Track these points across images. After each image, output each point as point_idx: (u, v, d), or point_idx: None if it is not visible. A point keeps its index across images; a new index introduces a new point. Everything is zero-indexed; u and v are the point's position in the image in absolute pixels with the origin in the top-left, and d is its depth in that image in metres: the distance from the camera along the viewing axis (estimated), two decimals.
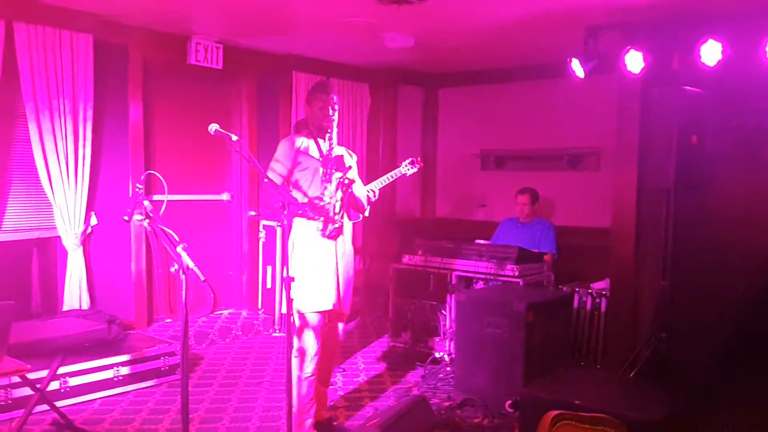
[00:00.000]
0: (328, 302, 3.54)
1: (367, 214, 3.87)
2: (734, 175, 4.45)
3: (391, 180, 4.01)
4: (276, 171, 3.51)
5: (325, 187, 3.53)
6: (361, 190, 3.77)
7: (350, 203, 3.69)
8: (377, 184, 3.93)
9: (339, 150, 3.67)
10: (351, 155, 3.77)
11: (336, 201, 3.55)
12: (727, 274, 4.31)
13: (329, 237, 3.54)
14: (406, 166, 4.09)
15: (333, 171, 3.56)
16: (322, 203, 3.50)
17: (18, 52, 4.43)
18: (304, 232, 3.53)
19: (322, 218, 3.51)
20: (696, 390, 3.88)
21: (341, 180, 3.57)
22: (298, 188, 3.55)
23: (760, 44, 3.75)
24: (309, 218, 3.52)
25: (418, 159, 4.13)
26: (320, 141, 3.61)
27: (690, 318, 4.27)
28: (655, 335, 4.16)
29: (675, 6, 4.11)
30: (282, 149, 3.60)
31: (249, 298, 6.17)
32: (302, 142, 3.62)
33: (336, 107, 3.60)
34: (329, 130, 3.59)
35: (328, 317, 3.63)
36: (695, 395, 3.70)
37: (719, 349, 4.23)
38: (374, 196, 3.88)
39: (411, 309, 5.15)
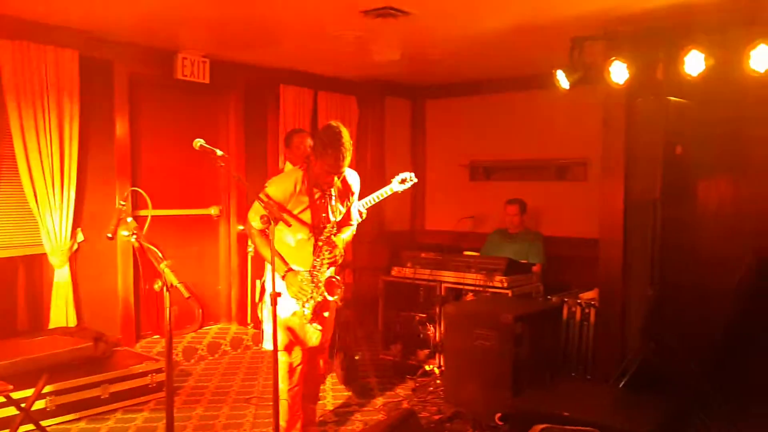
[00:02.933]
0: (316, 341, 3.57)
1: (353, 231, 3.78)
2: (719, 184, 4.48)
3: (381, 198, 3.87)
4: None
5: (314, 266, 3.41)
6: (348, 235, 3.65)
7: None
8: (366, 203, 3.80)
9: (338, 208, 3.51)
10: (354, 177, 3.65)
11: (322, 274, 3.42)
12: (715, 283, 4.33)
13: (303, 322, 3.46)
14: (397, 183, 3.90)
15: (322, 246, 3.41)
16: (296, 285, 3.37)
17: (2, 68, 4.41)
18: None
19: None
20: (686, 400, 3.88)
21: (332, 259, 3.41)
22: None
23: (742, 54, 3.77)
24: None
25: (412, 176, 3.88)
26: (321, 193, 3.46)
27: (678, 327, 4.27)
28: (644, 345, 4.16)
29: (658, 17, 4.14)
30: (281, 187, 3.43)
31: (238, 312, 6.13)
32: (298, 188, 3.41)
33: (347, 164, 3.38)
34: (330, 190, 3.44)
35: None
36: (685, 405, 3.70)
37: (708, 358, 4.24)
38: (361, 217, 3.73)
39: (401, 321, 5.13)
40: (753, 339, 4.18)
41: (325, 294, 3.39)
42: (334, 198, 3.49)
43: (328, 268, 3.45)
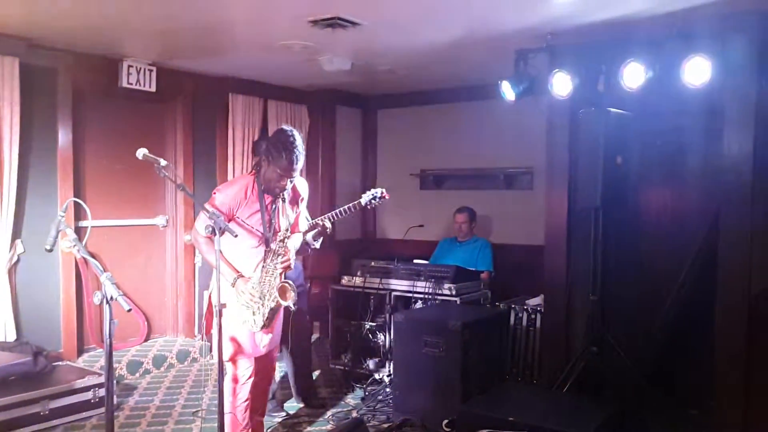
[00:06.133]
0: (269, 347, 3.54)
1: (317, 246, 3.63)
2: (658, 192, 4.63)
3: (349, 213, 3.57)
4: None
5: (265, 271, 3.35)
6: (297, 240, 3.53)
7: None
8: (333, 217, 3.54)
9: (301, 183, 3.51)
10: (302, 183, 3.63)
11: (269, 303, 3.36)
12: (654, 287, 4.47)
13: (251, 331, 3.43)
14: (368, 200, 3.59)
15: (274, 252, 3.36)
16: (246, 292, 3.35)
17: None
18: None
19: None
20: (626, 402, 3.99)
21: (284, 263, 3.34)
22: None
23: (679, 67, 3.91)
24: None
25: (383, 191, 3.61)
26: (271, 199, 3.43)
27: (619, 331, 4.39)
28: (587, 349, 4.25)
29: (599, 31, 4.27)
30: (231, 193, 3.38)
31: (186, 324, 6.03)
32: (248, 194, 3.39)
33: (297, 175, 3.37)
34: (281, 195, 3.39)
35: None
36: (626, 407, 3.80)
37: (648, 360, 4.36)
38: (329, 230, 3.52)
39: (351, 330, 5.13)
40: (690, 341, 4.32)
41: (279, 299, 3.36)
42: (286, 203, 3.48)
43: (280, 274, 3.41)
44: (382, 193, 3.61)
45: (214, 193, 3.43)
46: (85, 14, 4.10)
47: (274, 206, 3.46)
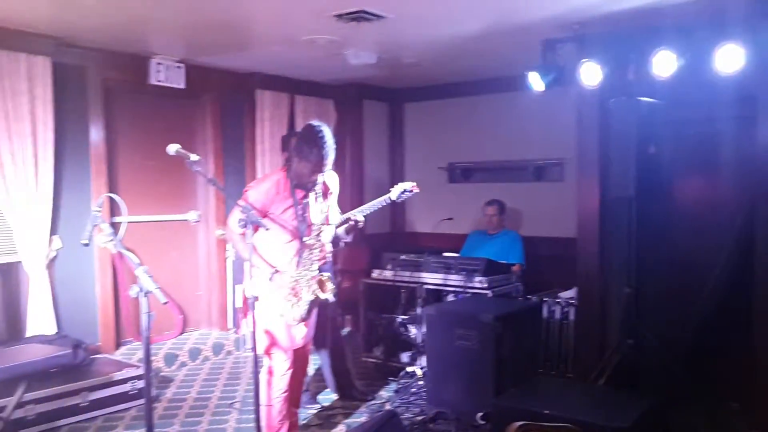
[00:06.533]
0: (305, 339, 3.57)
1: (349, 239, 3.71)
2: (693, 182, 4.56)
3: (379, 207, 3.64)
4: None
5: (302, 265, 3.38)
6: (329, 233, 3.55)
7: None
8: (363, 211, 3.62)
9: (320, 208, 3.49)
10: (333, 177, 3.64)
11: (311, 272, 3.38)
12: (689, 279, 4.40)
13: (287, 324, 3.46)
14: (398, 194, 3.65)
15: (309, 246, 3.38)
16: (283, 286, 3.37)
17: None
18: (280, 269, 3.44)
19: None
20: (664, 395, 3.94)
21: (320, 257, 3.38)
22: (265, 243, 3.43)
23: (711, 54, 3.85)
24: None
25: (413, 186, 3.68)
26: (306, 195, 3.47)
27: (654, 323, 4.33)
28: (623, 342, 4.21)
29: (628, 19, 4.21)
30: (264, 188, 3.43)
31: (219, 317, 6.11)
32: (280, 189, 3.43)
33: (330, 165, 3.39)
34: (314, 189, 3.42)
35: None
36: (664, 401, 3.76)
37: (684, 353, 4.30)
38: (360, 224, 3.60)
39: (382, 324, 5.15)
40: (727, 334, 4.25)
41: (317, 292, 3.39)
42: (318, 197, 3.50)
43: (316, 267, 3.42)
44: (411, 186, 3.65)
45: (246, 191, 3.47)
46: (111, 11, 4.14)
47: (305, 200, 3.49)
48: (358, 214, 3.60)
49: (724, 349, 4.27)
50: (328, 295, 3.37)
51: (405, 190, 3.64)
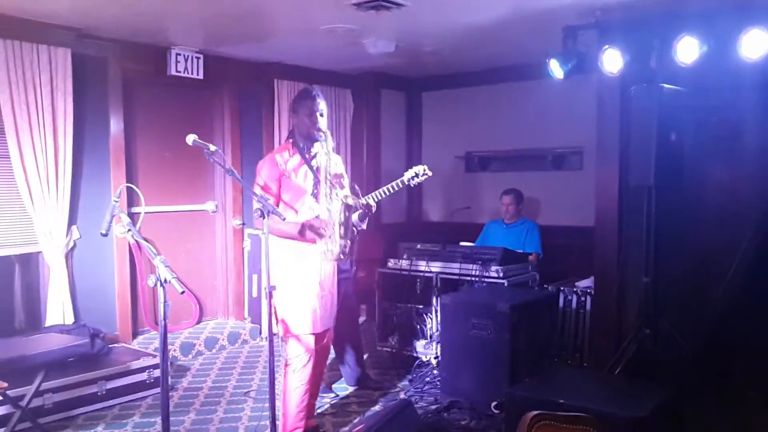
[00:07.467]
0: (325, 324, 3.55)
1: (364, 227, 3.67)
2: (714, 171, 4.46)
3: (393, 191, 3.71)
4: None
5: (324, 198, 3.39)
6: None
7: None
8: (376, 196, 3.66)
9: (336, 159, 3.53)
10: (337, 160, 3.63)
11: (339, 220, 3.35)
12: (708, 269, 4.33)
13: (334, 260, 3.45)
14: (410, 177, 3.76)
15: (332, 187, 3.38)
16: (317, 226, 3.36)
17: None
18: (300, 253, 3.45)
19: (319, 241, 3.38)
20: (682, 385, 3.89)
21: (345, 198, 3.36)
22: (291, 208, 3.45)
23: (735, 40, 3.77)
24: (304, 240, 3.40)
25: (425, 169, 3.75)
26: (314, 151, 3.50)
27: (672, 313, 4.28)
28: (640, 332, 4.16)
29: (650, 5, 4.13)
30: (265, 173, 3.47)
31: (235, 307, 6.14)
32: (285, 158, 3.49)
33: (324, 112, 3.46)
34: (321, 138, 3.45)
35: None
36: (681, 391, 3.71)
37: (703, 343, 4.24)
38: (373, 209, 3.62)
39: (397, 313, 5.14)
40: (747, 325, 4.18)
41: (347, 200, 3.36)
42: (328, 151, 3.46)
43: (345, 208, 3.38)
44: (424, 170, 3.69)
45: (257, 174, 3.51)
46: (131, 2, 4.15)
47: (315, 190, 3.48)
48: (370, 199, 3.62)
49: (742, 339, 4.20)
50: (354, 201, 3.38)
51: (417, 174, 3.70)
